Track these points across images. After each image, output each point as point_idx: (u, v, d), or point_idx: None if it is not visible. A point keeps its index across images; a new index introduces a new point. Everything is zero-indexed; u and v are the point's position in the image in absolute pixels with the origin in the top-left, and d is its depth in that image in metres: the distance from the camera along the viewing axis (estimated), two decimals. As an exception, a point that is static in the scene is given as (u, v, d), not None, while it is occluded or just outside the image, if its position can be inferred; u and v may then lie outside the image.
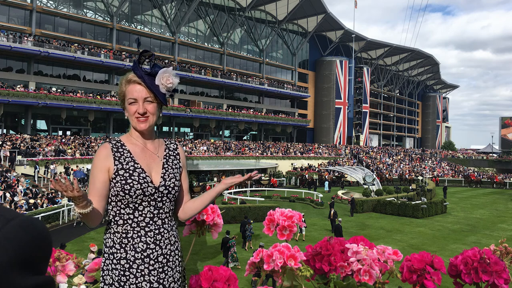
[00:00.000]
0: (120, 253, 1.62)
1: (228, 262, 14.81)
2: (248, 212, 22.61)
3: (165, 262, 1.66)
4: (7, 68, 39.50)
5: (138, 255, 1.62)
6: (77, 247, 15.95)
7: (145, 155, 1.76)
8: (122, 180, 1.66)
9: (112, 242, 1.65)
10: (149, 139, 1.81)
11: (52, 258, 1.66)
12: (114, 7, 47.05)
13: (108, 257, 1.65)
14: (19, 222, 0.65)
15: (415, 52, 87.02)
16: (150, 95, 1.73)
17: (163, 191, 1.70)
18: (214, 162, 44.38)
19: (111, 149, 1.73)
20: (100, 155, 1.71)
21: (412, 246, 18.83)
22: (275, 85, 63.64)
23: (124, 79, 1.77)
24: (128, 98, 1.73)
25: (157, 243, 1.65)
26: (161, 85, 1.72)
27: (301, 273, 1.46)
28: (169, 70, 1.74)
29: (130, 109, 1.74)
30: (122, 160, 1.71)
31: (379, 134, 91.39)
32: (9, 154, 27.87)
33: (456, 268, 1.39)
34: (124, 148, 1.75)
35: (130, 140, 1.79)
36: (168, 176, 1.75)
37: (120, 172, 1.67)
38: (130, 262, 1.61)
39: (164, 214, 1.70)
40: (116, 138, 1.81)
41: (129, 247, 1.62)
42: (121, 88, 1.77)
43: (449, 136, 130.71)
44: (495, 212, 30.48)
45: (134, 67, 1.75)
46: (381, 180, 44.90)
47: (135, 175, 1.68)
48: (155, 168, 1.75)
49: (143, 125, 1.74)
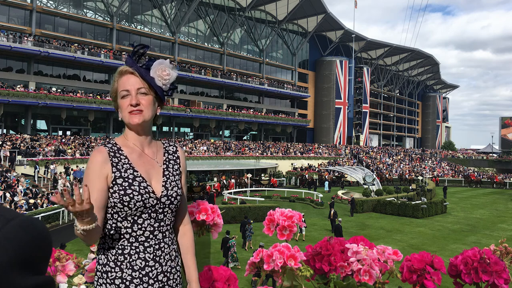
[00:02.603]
0: (115, 272, 1.45)
1: (228, 262, 14.81)
2: (248, 212, 22.61)
3: (165, 281, 1.49)
4: (7, 68, 39.50)
5: (135, 274, 1.45)
6: (77, 247, 15.94)
7: (143, 161, 1.58)
8: (121, 191, 1.48)
9: (106, 259, 1.48)
10: (146, 142, 1.62)
11: (52, 258, 1.66)
12: (114, 7, 47.05)
13: (101, 275, 1.47)
14: (19, 222, 0.65)
15: (415, 52, 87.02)
16: (144, 85, 1.56)
17: (165, 201, 1.53)
18: (214, 162, 44.38)
19: (108, 154, 1.53)
20: (97, 160, 1.51)
21: (412, 246, 18.83)
22: (275, 85, 63.64)
23: (116, 73, 1.62)
24: (121, 91, 1.56)
25: (157, 260, 1.49)
26: (157, 77, 1.57)
27: (301, 273, 1.46)
28: (165, 61, 1.59)
29: (123, 103, 1.56)
30: (120, 166, 1.52)
31: (379, 134, 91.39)
32: (9, 154, 27.87)
33: (456, 268, 1.39)
34: (121, 153, 1.56)
35: (126, 143, 1.60)
36: (170, 184, 1.58)
37: (118, 181, 1.49)
38: (126, 282, 1.44)
39: (165, 227, 1.54)
40: (111, 141, 1.61)
41: (125, 265, 1.45)
42: (113, 84, 1.61)
43: (449, 136, 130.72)
44: (495, 212, 30.48)
45: (126, 59, 1.62)
46: (381, 180, 44.89)
47: (135, 184, 1.50)
48: (155, 176, 1.57)
49: (136, 119, 1.54)
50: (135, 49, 1.61)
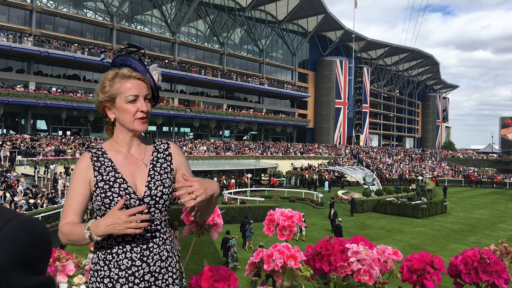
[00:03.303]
0: (104, 271, 1.48)
1: (228, 262, 14.82)
2: (248, 212, 22.61)
3: (152, 281, 1.48)
4: (7, 68, 39.51)
5: (122, 273, 1.46)
6: (77, 247, 15.93)
7: (128, 162, 1.59)
8: (102, 193, 1.50)
9: (97, 258, 1.52)
10: (135, 143, 1.63)
11: (52, 258, 1.66)
12: (114, 7, 47.07)
13: (93, 274, 1.51)
14: (19, 222, 0.64)
15: (415, 52, 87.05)
16: (150, 92, 1.59)
17: (149, 201, 1.52)
18: (214, 162, 44.38)
19: (90, 159, 1.56)
20: (81, 166, 1.55)
21: (412, 246, 18.84)
22: (275, 85, 63.66)
23: (119, 75, 1.57)
24: (128, 96, 1.54)
25: (144, 260, 1.49)
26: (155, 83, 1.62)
27: (301, 273, 1.46)
28: (157, 67, 1.62)
29: (129, 109, 1.55)
30: (102, 170, 1.54)
31: (379, 134, 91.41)
32: (9, 154, 27.88)
33: (456, 268, 1.39)
34: (105, 156, 1.58)
35: (113, 147, 1.61)
36: (154, 184, 1.55)
37: (100, 184, 1.51)
38: (113, 281, 1.46)
39: (154, 227, 1.52)
40: (97, 146, 1.63)
41: (113, 264, 1.47)
42: (111, 85, 1.57)
43: (449, 136, 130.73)
44: (495, 212, 30.49)
45: (131, 60, 1.58)
46: (381, 180, 44.90)
47: (115, 186, 1.51)
48: (140, 176, 1.57)
49: (144, 126, 1.58)
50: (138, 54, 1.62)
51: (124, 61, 1.60)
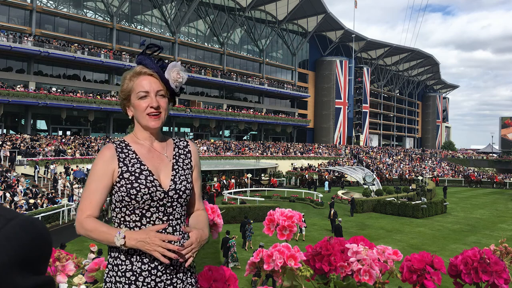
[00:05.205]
0: (125, 265, 1.49)
1: (228, 262, 14.81)
2: (248, 212, 22.61)
3: (174, 274, 1.51)
4: (7, 68, 39.51)
5: (145, 267, 1.48)
6: (77, 247, 15.93)
7: (152, 155, 1.61)
8: (128, 184, 1.51)
9: (117, 253, 1.51)
10: (156, 138, 1.66)
11: (52, 258, 1.66)
12: (114, 7, 47.06)
13: (112, 268, 1.51)
14: (19, 222, 0.64)
15: (415, 52, 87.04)
16: (163, 88, 1.60)
17: (173, 195, 1.55)
18: (214, 162, 44.37)
19: (115, 150, 1.57)
20: (105, 157, 1.55)
21: (412, 246, 18.84)
22: (275, 85, 63.66)
23: (131, 73, 1.62)
24: (138, 92, 1.58)
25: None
26: (171, 80, 1.60)
27: (301, 273, 1.46)
28: (178, 64, 1.63)
29: (140, 104, 1.58)
30: (127, 161, 1.55)
31: (379, 134, 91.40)
32: (9, 154, 27.88)
33: (456, 268, 1.39)
34: (129, 148, 1.60)
35: (135, 140, 1.64)
36: (179, 178, 1.59)
37: (125, 175, 1.52)
38: (136, 275, 1.47)
39: (175, 221, 1.55)
40: (120, 138, 1.65)
41: (135, 258, 1.48)
42: (127, 83, 1.62)
43: (449, 136, 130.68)
44: (495, 212, 30.49)
45: (142, 58, 1.63)
46: (381, 180, 44.90)
47: (141, 178, 1.52)
48: (164, 170, 1.59)
49: (156, 122, 1.59)
50: (150, 50, 1.64)
51: (139, 60, 1.65)
